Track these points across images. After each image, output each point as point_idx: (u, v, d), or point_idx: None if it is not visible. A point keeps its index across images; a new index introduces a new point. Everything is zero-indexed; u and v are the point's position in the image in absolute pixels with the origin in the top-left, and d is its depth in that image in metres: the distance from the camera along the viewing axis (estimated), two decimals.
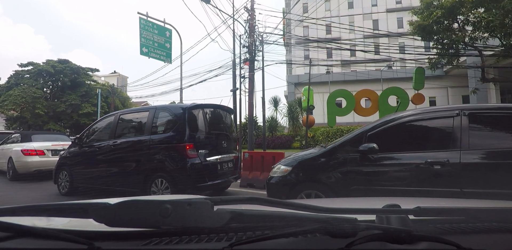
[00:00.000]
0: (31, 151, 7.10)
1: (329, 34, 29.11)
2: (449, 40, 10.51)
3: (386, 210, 0.70)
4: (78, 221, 0.75)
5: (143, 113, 5.00)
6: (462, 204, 1.24)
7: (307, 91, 14.50)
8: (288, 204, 0.65)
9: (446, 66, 13.71)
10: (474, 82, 14.54)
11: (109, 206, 0.56)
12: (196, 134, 4.48)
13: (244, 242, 0.60)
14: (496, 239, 0.71)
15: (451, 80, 23.68)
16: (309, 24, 27.40)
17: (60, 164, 5.67)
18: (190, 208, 0.54)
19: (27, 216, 0.74)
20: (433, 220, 0.75)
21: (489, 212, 0.76)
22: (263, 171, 5.67)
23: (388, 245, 0.59)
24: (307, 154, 3.34)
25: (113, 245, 0.64)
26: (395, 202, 0.74)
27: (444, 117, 2.74)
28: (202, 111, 4.79)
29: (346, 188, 2.83)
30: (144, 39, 11.94)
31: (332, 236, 0.59)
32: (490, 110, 2.76)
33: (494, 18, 8.84)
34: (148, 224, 0.57)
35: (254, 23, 10.61)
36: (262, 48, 11.02)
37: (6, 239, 0.64)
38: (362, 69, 27.19)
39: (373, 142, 2.78)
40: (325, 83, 24.81)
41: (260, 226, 0.67)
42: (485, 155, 2.53)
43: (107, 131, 5.27)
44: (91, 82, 28.82)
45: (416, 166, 2.64)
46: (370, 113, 14.52)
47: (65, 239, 0.60)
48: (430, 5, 10.41)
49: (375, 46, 18.60)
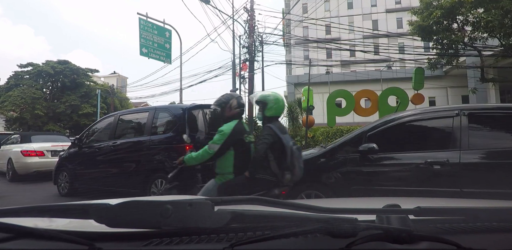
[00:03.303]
0: (31, 152, 7.10)
1: (328, 35, 29.13)
2: (448, 40, 10.52)
3: (386, 210, 0.70)
4: (78, 222, 0.76)
5: (143, 113, 5.00)
6: (462, 204, 1.24)
7: (306, 92, 14.49)
8: (288, 204, 0.65)
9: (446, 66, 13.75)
10: (473, 82, 14.55)
11: (110, 207, 0.56)
12: (196, 135, 4.48)
13: (244, 242, 0.60)
14: (496, 239, 0.71)
15: (450, 80, 23.69)
16: (309, 25, 27.40)
17: (60, 165, 5.67)
18: (191, 208, 0.54)
19: (28, 217, 0.74)
20: (433, 220, 0.76)
21: (489, 212, 0.76)
22: None
23: (388, 245, 0.59)
24: (307, 154, 3.34)
25: (114, 246, 0.64)
26: (395, 202, 0.74)
27: (443, 117, 2.74)
28: (202, 111, 4.79)
29: (346, 188, 2.84)
30: (144, 39, 11.94)
31: (333, 236, 0.59)
32: (490, 110, 2.77)
33: (493, 18, 8.85)
34: (149, 225, 0.57)
35: (254, 23, 10.63)
36: (262, 48, 11.03)
37: (7, 240, 0.64)
38: (362, 70, 27.20)
39: (373, 142, 2.78)
40: (325, 83, 24.81)
41: (260, 226, 0.67)
42: (485, 155, 2.53)
43: (107, 132, 5.27)
44: (90, 83, 28.82)
45: (416, 166, 2.64)
46: (370, 113, 14.52)
47: (66, 240, 0.60)
48: (430, 5, 10.42)
49: (374, 46, 18.63)
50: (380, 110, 13.95)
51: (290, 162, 2.29)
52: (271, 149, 2.33)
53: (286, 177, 2.30)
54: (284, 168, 2.32)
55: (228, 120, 2.52)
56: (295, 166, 2.31)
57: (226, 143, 2.38)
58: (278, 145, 2.32)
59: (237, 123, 2.49)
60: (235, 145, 2.44)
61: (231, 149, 2.44)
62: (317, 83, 23.47)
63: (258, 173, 2.32)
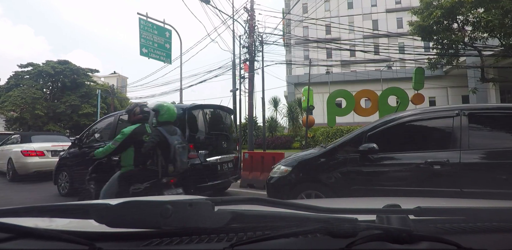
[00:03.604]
0: (31, 152, 7.09)
1: (328, 34, 29.12)
2: (448, 40, 10.52)
3: (386, 210, 0.70)
4: (79, 222, 0.76)
5: None
6: (462, 204, 1.24)
7: (307, 91, 14.51)
8: (288, 205, 0.65)
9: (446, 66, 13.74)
10: (473, 82, 14.55)
11: (110, 207, 0.56)
12: (196, 135, 4.48)
13: (244, 242, 0.60)
14: (496, 238, 0.71)
15: (450, 80, 23.69)
16: (309, 25, 27.41)
17: (60, 165, 5.66)
18: (191, 208, 0.54)
19: (28, 217, 0.74)
20: (433, 220, 0.76)
21: (489, 212, 0.76)
22: (263, 172, 5.67)
23: (388, 245, 0.59)
24: (307, 154, 3.34)
25: (114, 246, 0.64)
26: (395, 202, 0.74)
27: (444, 117, 2.74)
28: (202, 111, 4.79)
29: (346, 188, 2.83)
30: (144, 39, 11.93)
31: (333, 236, 0.59)
32: (490, 110, 2.77)
33: (494, 18, 8.85)
34: (149, 225, 0.57)
35: (254, 23, 10.62)
36: (262, 48, 11.02)
37: (7, 240, 0.64)
38: (362, 69, 27.20)
39: (373, 142, 2.78)
40: (325, 83, 24.81)
41: (260, 226, 0.67)
42: (485, 155, 2.53)
43: (107, 132, 5.27)
44: (90, 83, 28.83)
45: (416, 166, 2.64)
46: (370, 113, 14.53)
47: (66, 240, 0.60)
48: (430, 5, 10.42)
49: (374, 46, 18.61)
50: (380, 110, 13.95)
51: (173, 158, 2.91)
52: (159, 147, 2.91)
53: (170, 169, 2.92)
54: (168, 162, 2.91)
55: (134, 123, 3.17)
56: (177, 160, 2.92)
57: (125, 141, 2.99)
58: (165, 144, 2.91)
59: (138, 126, 3.12)
60: (135, 143, 3.02)
61: (132, 147, 3.02)
62: (317, 83, 23.48)
63: (149, 165, 2.99)
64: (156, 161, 2.96)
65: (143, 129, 3.16)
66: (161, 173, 2.93)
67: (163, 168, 2.93)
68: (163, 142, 2.91)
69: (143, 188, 2.86)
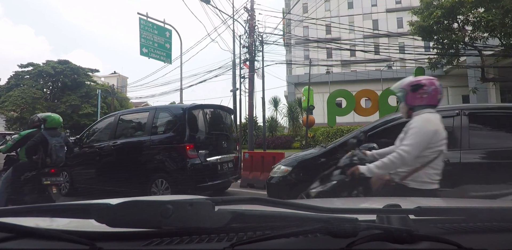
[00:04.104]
0: None
1: (329, 34, 29.11)
2: (449, 40, 10.52)
3: (386, 210, 0.70)
4: (79, 221, 0.76)
5: (143, 113, 5.00)
6: (462, 204, 1.24)
7: (307, 91, 14.50)
8: (289, 204, 0.65)
9: (446, 66, 13.72)
10: (474, 82, 14.54)
11: (111, 207, 0.56)
12: (196, 135, 4.48)
13: (245, 242, 0.60)
14: (496, 238, 0.71)
15: (451, 80, 23.66)
16: (309, 24, 27.38)
17: None
18: (191, 208, 0.54)
19: (28, 217, 0.75)
20: (433, 220, 0.76)
21: (489, 212, 0.76)
22: (263, 171, 5.67)
23: (389, 245, 0.59)
24: (307, 154, 3.34)
25: (114, 246, 0.64)
26: (395, 202, 0.74)
27: (444, 117, 2.73)
28: (202, 111, 4.80)
29: None
30: (144, 39, 11.94)
31: (333, 236, 0.59)
32: (490, 110, 2.77)
33: (494, 18, 8.85)
34: (149, 225, 0.57)
35: (254, 23, 10.62)
36: (262, 48, 11.02)
37: (7, 240, 0.64)
38: (362, 69, 27.18)
39: (373, 142, 2.78)
40: (325, 83, 24.81)
41: (261, 226, 0.67)
42: (485, 154, 2.53)
43: (107, 132, 5.27)
44: (91, 83, 28.81)
45: None
46: (370, 113, 14.52)
47: (66, 239, 0.60)
48: (430, 5, 10.42)
49: (375, 46, 18.61)
50: (381, 110, 13.94)
51: (50, 153, 3.90)
52: (41, 145, 3.88)
53: (47, 161, 3.89)
54: (46, 156, 3.90)
55: (32, 128, 4.15)
56: (53, 155, 3.92)
57: (19, 141, 4.03)
58: (45, 143, 3.89)
59: (33, 130, 4.10)
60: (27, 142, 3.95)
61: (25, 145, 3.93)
62: (317, 83, 23.46)
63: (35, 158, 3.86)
64: (39, 156, 3.89)
65: (37, 133, 4.05)
66: (42, 164, 3.88)
67: (43, 160, 3.88)
68: (44, 142, 3.89)
69: (30, 175, 3.85)
